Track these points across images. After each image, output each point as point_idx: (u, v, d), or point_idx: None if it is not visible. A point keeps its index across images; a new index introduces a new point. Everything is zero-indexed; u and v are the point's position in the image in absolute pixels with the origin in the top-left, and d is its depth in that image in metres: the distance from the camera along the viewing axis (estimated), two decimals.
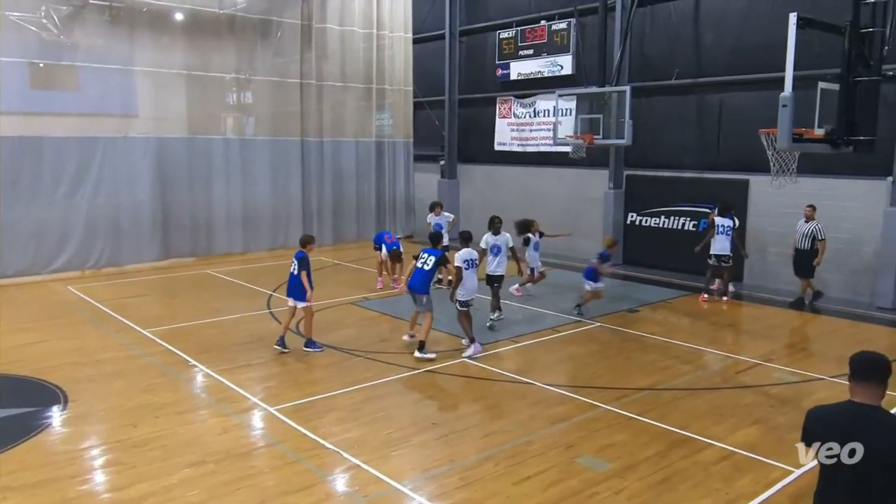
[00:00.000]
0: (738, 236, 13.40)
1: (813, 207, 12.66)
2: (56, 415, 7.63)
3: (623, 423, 7.46)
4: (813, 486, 3.74)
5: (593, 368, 9.41)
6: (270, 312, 12.15)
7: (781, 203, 13.71)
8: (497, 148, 20.67)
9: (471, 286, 9.84)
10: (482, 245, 11.21)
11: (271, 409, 7.73)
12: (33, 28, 14.56)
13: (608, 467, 6.41)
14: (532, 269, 13.20)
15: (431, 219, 14.36)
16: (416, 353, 9.41)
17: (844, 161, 11.87)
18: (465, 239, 10.18)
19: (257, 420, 7.59)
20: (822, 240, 12.44)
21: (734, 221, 13.22)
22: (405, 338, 10.19)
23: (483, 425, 7.37)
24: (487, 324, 11.14)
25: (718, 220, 13.07)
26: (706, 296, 13.20)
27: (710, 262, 13.07)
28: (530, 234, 13.09)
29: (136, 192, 16.12)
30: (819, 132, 9.67)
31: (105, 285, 14.37)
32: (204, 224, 17.37)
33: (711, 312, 12.50)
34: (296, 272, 9.69)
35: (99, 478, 6.32)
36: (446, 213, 15.00)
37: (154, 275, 15.63)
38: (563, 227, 15.52)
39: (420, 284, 9.65)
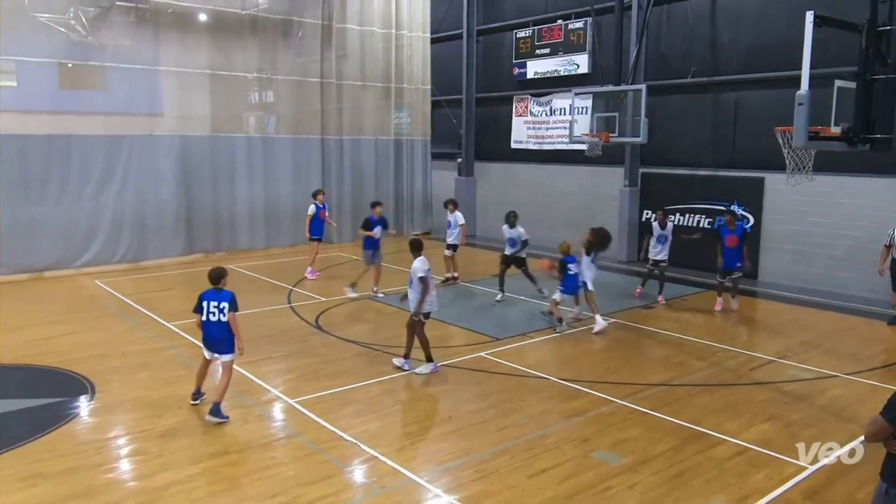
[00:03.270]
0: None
1: None
2: (84, 405, 7.73)
3: (637, 418, 7.42)
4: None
5: (608, 364, 9.36)
6: (291, 307, 12.22)
7: (796, 201, 13.58)
8: (513, 146, 20.61)
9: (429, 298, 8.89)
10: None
11: (291, 402, 7.77)
12: (62, 29, 14.75)
13: (622, 462, 6.38)
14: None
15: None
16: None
17: (861, 159, 11.69)
18: (417, 248, 9.14)
19: (278, 412, 7.63)
20: None
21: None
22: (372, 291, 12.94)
23: (498, 419, 7.35)
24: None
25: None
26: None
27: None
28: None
29: (160, 190, 16.29)
30: (835, 130, 9.52)
31: (130, 280, 14.55)
32: (227, 220, 17.53)
33: (726, 309, 12.37)
34: (224, 317, 7.16)
35: (125, 466, 6.40)
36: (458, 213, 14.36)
37: (177, 269, 15.76)
38: (578, 224, 15.37)
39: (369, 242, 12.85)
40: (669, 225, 12.93)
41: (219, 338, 7.20)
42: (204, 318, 7.20)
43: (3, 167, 14.13)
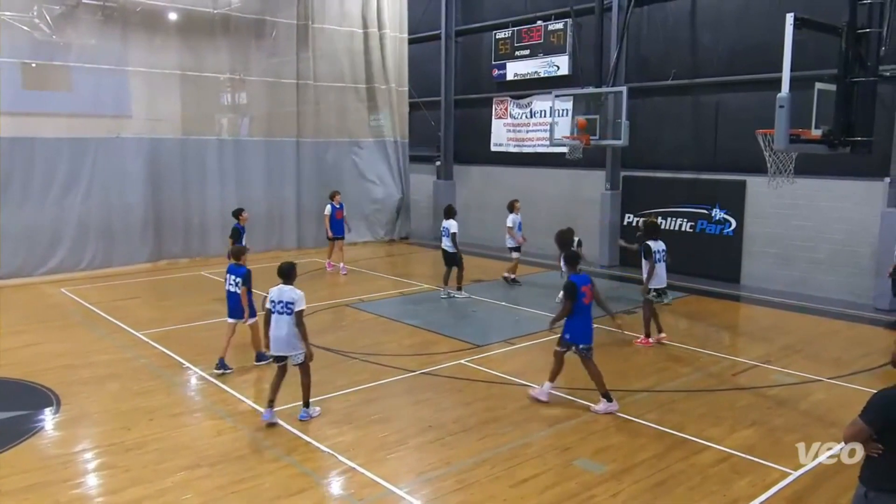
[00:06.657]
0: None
1: None
2: (48, 418, 7.61)
3: (620, 425, 7.48)
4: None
5: None
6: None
7: (778, 204, 13.80)
8: (493, 149, 20.69)
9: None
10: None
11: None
12: (25, 28, 14.54)
13: (605, 470, 6.42)
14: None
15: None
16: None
17: (841, 162, 11.93)
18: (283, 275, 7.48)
19: (251, 423, 7.57)
20: None
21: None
22: None
23: (479, 428, 7.37)
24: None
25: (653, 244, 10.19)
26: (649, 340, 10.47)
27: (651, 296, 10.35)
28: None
29: (128, 194, 16.10)
30: (816, 133, 9.71)
31: (97, 287, 14.34)
32: (197, 225, 17.34)
33: (708, 314, 12.52)
34: (237, 289, 8.95)
35: (92, 481, 6.30)
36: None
37: (146, 277, 15.60)
38: (559, 227, 15.41)
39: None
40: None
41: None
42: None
43: None
